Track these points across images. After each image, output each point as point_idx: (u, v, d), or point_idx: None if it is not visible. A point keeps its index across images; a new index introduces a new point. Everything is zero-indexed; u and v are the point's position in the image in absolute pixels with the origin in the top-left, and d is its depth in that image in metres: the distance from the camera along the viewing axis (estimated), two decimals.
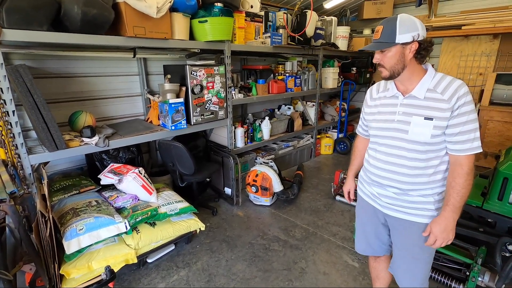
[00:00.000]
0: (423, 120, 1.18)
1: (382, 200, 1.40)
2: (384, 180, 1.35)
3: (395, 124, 1.27)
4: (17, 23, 1.67)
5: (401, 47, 1.16)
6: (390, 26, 1.15)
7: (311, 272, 2.14)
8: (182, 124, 2.50)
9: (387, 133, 1.31)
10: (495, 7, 3.84)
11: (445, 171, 1.26)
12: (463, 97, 1.13)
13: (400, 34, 1.13)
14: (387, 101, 1.33)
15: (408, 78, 1.23)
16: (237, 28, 2.83)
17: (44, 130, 1.85)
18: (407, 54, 1.17)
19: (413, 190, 1.28)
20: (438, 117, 1.15)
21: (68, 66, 2.43)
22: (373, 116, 1.38)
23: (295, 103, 4.49)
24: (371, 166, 1.42)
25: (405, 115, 1.24)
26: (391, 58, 1.18)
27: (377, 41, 1.20)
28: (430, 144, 1.20)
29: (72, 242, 1.73)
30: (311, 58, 4.16)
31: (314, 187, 3.54)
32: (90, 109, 2.53)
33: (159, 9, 2.08)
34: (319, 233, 2.61)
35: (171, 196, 2.39)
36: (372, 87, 1.46)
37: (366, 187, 1.51)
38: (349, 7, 4.63)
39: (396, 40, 1.14)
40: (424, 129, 1.18)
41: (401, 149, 1.27)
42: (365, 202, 1.52)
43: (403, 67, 1.19)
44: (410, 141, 1.23)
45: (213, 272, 2.13)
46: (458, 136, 1.16)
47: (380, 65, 1.24)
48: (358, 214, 1.63)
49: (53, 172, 2.53)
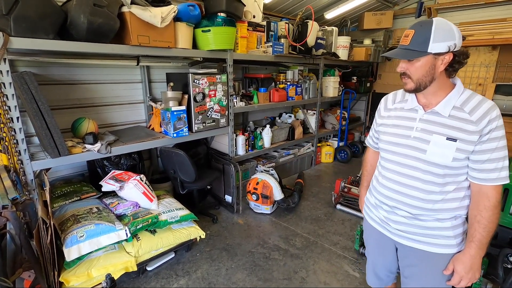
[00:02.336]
0: (444, 140, 1.04)
1: (392, 226, 1.25)
2: (392, 201, 1.21)
3: (410, 141, 1.13)
4: (24, 31, 1.71)
5: (433, 57, 1.00)
6: (424, 32, 0.99)
7: (311, 282, 2.13)
8: (184, 132, 2.51)
9: (400, 150, 1.18)
10: (494, 19, 3.91)
11: (463, 199, 1.12)
12: (494, 121, 1.00)
13: (434, 43, 0.97)
14: (404, 114, 1.19)
15: (434, 92, 1.09)
16: (239, 38, 2.88)
17: (47, 137, 1.86)
18: (438, 66, 1.01)
19: (425, 215, 1.15)
20: (463, 140, 1.02)
21: (72, 73, 2.46)
22: (385, 129, 1.25)
23: (296, 111, 4.52)
24: (379, 185, 1.29)
25: (424, 132, 1.10)
26: (419, 69, 1.03)
27: (405, 48, 1.04)
28: (450, 168, 1.07)
29: (72, 249, 1.73)
30: (312, 67, 4.20)
31: (315, 196, 3.53)
32: (92, 116, 2.55)
33: (163, 19, 2.12)
34: (320, 242, 2.60)
35: (171, 204, 2.38)
36: (387, 96, 1.33)
37: (373, 211, 1.36)
38: (349, 17, 4.70)
39: (428, 49, 0.98)
40: (445, 151, 1.04)
41: (415, 170, 1.13)
42: (372, 229, 1.38)
43: (431, 80, 1.05)
44: (428, 162, 1.09)
45: (213, 281, 2.12)
46: (485, 164, 1.03)
47: (405, 75, 1.09)
48: (367, 243, 1.49)
49: (55, 178, 2.53)
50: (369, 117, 5.53)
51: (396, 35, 4.82)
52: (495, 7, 3.96)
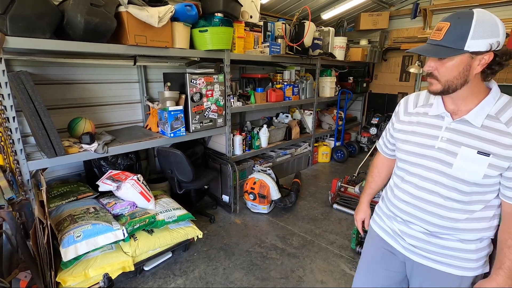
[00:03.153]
0: (475, 154, 0.91)
1: (406, 240, 1.11)
2: (408, 216, 1.09)
3: (434, 152, 1.00)
4: (21, 30, 1.70)
5: (470, 56, 0.85)
6: (462, 25, 0.83)
7: (308, 280, 2.14)
8: (181, 132, 2.51)
9: (421, 161, 1.04)
10: None
11: (492, 219, 1.00)
12: None
13: (474, 39, 0.82)
14: (428, 120, 1.04)
15: (465, 97, 0.93)
16: (236, 38, 2.88)
17: (43, 137, 1.85)
18: (474, 66, 0.86)
19: (445, 234, 1.02)
20: (497, 155, 0.88)
21: (68, 73, 2.45)
22: (405, 136, 1.10)
23: (293, 111, 4.54)
24: (395, 198, 1.15)
25: (451, 143, 0.96)
26: (451, 69, 0.88)
27: (436, 43, 0.88)
28: (479, 186, 0.94)
29: (69, 249, 1.72)
30: (309, 68, 4.22)
31: (312, 195, 3.55)
32: (89, 116, 2.54)
33: (160, 19, 2.12)
34: (317, 242, 2.61)
35: (169, 203, 2.38)
36: (408, 98, 1.15)
37: (386, 221, 1.22)
38: (346, 18, 4.73)
39: (465, 46, 0.83)
40: (476, 166, 0.91)
41: (437, 184, 1.00)
42: (380, 239, 1.22)
43: (464, 82, 0.89)
44: (453, 177, 0.96)
45: (210, 281, 2.12)
46: None
47: (431, 76, 0.93)
48: (366, 254, 1.32)
49: (51, 178, 2.52)
50: (365, 117, 5.56)
51: (392, 35, 4.86)
52: (490, 9, 4.01)
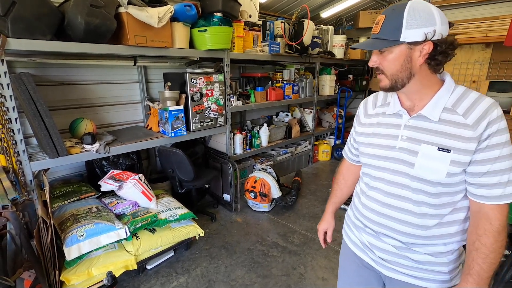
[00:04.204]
0: (436, 151, 0.86)
1: (376, 253, 1.05)
2: (380, 227, 1.01)
3: (396, 153, 0.94)
4: (22, 32, 1.71)
5: (408, 47, 0.83)
6: (395, 17, 0.82)
7: (309, 277, 2.16)
8: (182, 131, 2.53)
9: (384, 164, 0.98)
10: (487, 17, 3.96)
11: (464, 221, 0.93)
12: (495, 123, 0.81)
13: (408, 30, 0.80)
14: (387, 120, 0.99)
15: (417, 91, 0.90)
16: (236, 37, 2.89)
17: (46, 137, 1.87)
18: (416, 58, 0.84)
19: (419, 246, 0.95)
20: (458, 149, 0.83)
21: (69, 74, 2.46)
22: (366, 139, 1.04)
23: (293, 110, 4.55)
24: (363, 207, 1.08)
25: (412, 141, 0.91)
26: (392, 62, 0.86)
27: (375, 37, 0.87)
28: (445, 185, 0.88)
29: (72, 248, 1.74)
30: (308, 66, 4.23)
31: (312, 193, 3.56)
32: (90, 116, 2.55)
33: (160, 19, 2.13)
34: (318, 239, 2.63)
35: (170, 203, 2.40)
36: (367, 99, 1.11)
37: (355, 231, 1.14)
38: (345, 16, 4.73)
39: (401, 37, 0.82)
40: (437, 164, 0.85)
41: (404, 188, 0.94)
42: (352, 253, 1.15)
43: (409, 75, 0.87)
44: (417, 178, 0.90)
45: (212, 278, 2.14)
46: (485, 177, 0.83)
47: (378, 71, 0.92)
48: (343, 270, 1.25)
49: (53, 178, 2.53)
50: None
51: None
52: (488, 5, 4.01)
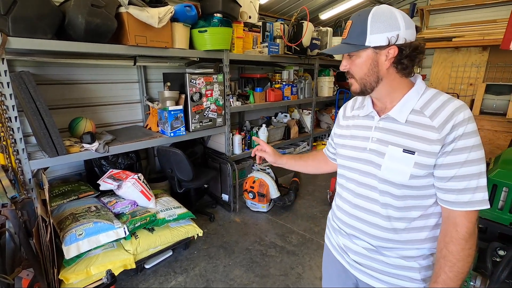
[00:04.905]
0: (401, 152, 0.85)
1: (350, 256, 1.03)
2: (351, 229, 1.01)
3: (366, 155, 0.94)
4: (22, 31, 1.72)
5: (374, 52, 0.85)
6: (361, 22, 0.84)
7: (307, 277, 2.17)
8: (181, 131, 2.54)
9: (356, 165, 0.98)
10: (484, 20, 4.00)
11: (435, 227, 0.91)
12: (461, 125, 0.78)
13: (372, 34, 0.82)
14: (360, 122, 1.00)
15: (387, 94, 0.91)
16: (235, 38, 2.91)
17: (45, 136, 1.87)
18: (382, 62, 0.85)
19: (389, 249, 0.93)
20: (422, 151, 0.82)
21: (69, 73, 2.47)
22: (343, 140, 1.05)
23: (292, 111, 4.56)
24: (337, 208, 1.09)
25: (380, 143, 0.91)
26: (360, 66, 0.88)
27: (343, 42, 0.89)
28: (409, 188, 0.87)
29: (71, 247, 1.75)
30: (307, 67, 4.25)
31: (310, 194, 3.58)
32: (90, 116, 2.56)
33: (160, 19, 2.14)
34: (316, 239, 2.64)
35: (169, 202, 2.41)
36: (347, 103, 1.14)
37: (333, 234, 1.13)
38: (344, 18, 4.76)
39: (366, 42, 0.83)
40: (401, 166, 0.85)
41: (373, 190, 0.93)
42: (333, 257, 1.13)
43: (377, 79, 0.88)
44: (383, 180, 0.90)
45: (210, 278, 2.15)
46: (452, 182, 0.81)
47: (349, 75, 0.94)
48: (326, 274, 1.24)
49: (52, 177, 2.53)
50: None
51: None
52: (485, 9, 4.06)
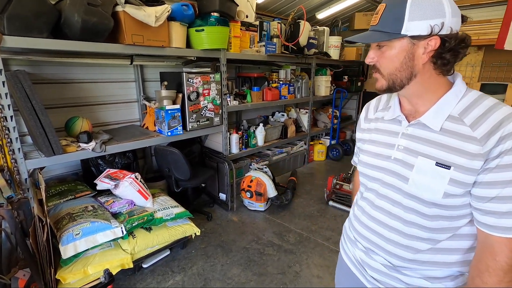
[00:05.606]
0: (433, 166, 0.72)
1: (368, 272, 0.91)
2: (369, 243, 0.89)
3: (391, 164, 0.81)
4: (18, 30, 1.71)
5: (410, 42, 0.70)
6: (397, 6, 0.69)
7: (305, 275, 2.18)
8: (178, 130, 2.53)
9: (378, 175, 0.85)
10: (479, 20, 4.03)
11: (468, 251, 0.76)
12: (510, 138, 0.64)
13: (411, 21, 0.67)
14: (385, 126, 0.87)
15: (419, 94, 0.76)
16: (232, 37, 2.91)
17: (41, 135, 1.86)
18: (419, 55, 0.70)
19: (409, 269, 0.81)
20: (459, 166, 0.69)
21: (65, 72, 2.45)
22: (363, 146, 0.93)
23: (289, 110, 4.57)
24: (355, 218, 0.97)
25: (408, 152, 0.78)
26: (391, 59, 0.72)
27: (373, 29, 0.73)
28: (442, 207, 0.73)
29: (68, 246, 1.74)
30: (304, 67, 4.26)
31: (308, 193, 3.59)
32: (86, 115, 2.54)
33: (157, 18, 2.14)
34: (313, 238, 2.66)
35: (167, 201, 2.40)
36: (370, 103, 0.98)
37: (349, 245, 1.01)
38: (340, 17, 4.77)
39: (402, 30, 0.68)
40: (433, 182, 0.71)
41: (395, 204, 0.81)
42: (347, 269, 1.01)
43: (409, 75, 0.73)
44: (410, 195, 0.77)
45: (208, 277, 2.15)
46: (493, 203, 0.67)
47: (375, 69, 0.78)
48: (337, 283, 1.12)
49: (48, 177, 2.52)
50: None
51: None
52: (480, 9, 4.09)
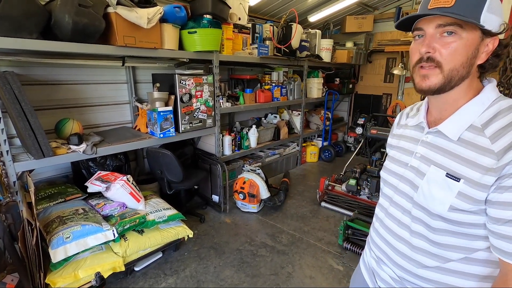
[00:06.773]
0: (443, 176, 0.67)
1: (377, 282, 0.89)
2: (378, 251, 0.87)
3: (407, 171, 0.78)
4: (7, 30, 1.68)
5: (480, 37, 0.63)
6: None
7: (297, 276, 2.20)
8: (171, 132, 2.53)
9: (394, 181, 0.83)
10: None
11: (485, 279, 0.69)
12: None
13: (490, 13, 0.60)
14: (409, 133, 0.83)
15: (456, 99, 0.69)
16: (225, 39, 2.92)
17: (31, 138, 1.83)
18: (480, 53, 0.65)
19: (410, 283, 0.77)
20: (470, 180, 0.64)
21: (55, 73, 2.42)
22: (391, 151, 0.90)
23: (281, 112, 4.60)
24: (372, 224, 0.95)
25: (423, 160, 0.74)
26: (459, 52, 0.63)
27: (443, 12, 0.61)
28: (447, 221, 0.68)
29: (58, 250, 1.71)
30: (296, 69, 4.30)
31: (300, 194, 3.62)
32: (77, 117, 2.51)
33: (149, 20, 2.13)
34: (305, 239, 2.67)
35: (159, 204, 2.39)
36: (405, 109, 0.94)
37: (367, 251, 0.98)
38: (332, 21, 4.84)
39: (481, 19, 0.60)
40: (441, 193, 0.67)
41: (405, 213, 0.77)
42: (360, 274, 0.99)
43: (466, 75, 0.65)
44: (418, 205, 0.73)
45: (201, 279, 2.14)
46: (507, 227, 0.60)
47: (429, 62, 0.66)
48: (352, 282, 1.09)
49: (38, 180, 2.47)
50: (351, 118, 5.69)
51: (377, 38, 5.00)
52: None
